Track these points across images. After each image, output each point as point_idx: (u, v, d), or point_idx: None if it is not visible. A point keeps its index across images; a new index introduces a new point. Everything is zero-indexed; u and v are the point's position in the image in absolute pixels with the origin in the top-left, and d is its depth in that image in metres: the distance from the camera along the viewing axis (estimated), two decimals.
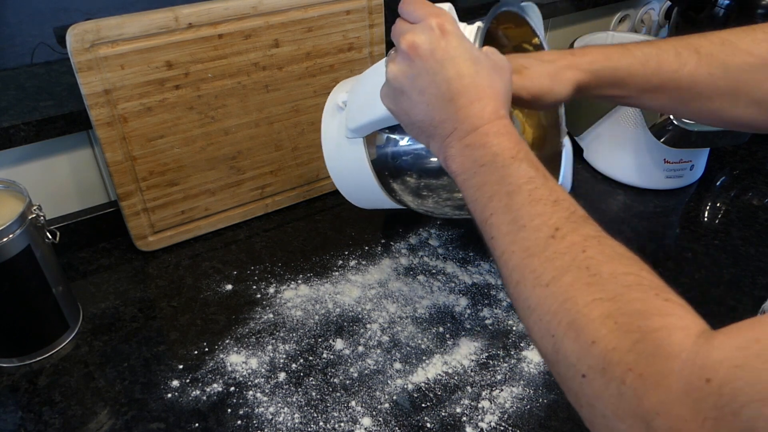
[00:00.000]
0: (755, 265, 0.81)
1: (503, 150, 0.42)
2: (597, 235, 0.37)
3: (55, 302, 0.66)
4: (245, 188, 0.85)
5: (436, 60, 0.44)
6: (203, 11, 0.71)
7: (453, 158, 0.45)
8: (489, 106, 0.44)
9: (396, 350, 0.68)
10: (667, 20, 1.31)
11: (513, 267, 0.39)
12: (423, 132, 0.47)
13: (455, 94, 0.44)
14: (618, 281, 0.33)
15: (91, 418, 0.61)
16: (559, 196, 0.40)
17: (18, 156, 0.75)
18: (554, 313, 0.35)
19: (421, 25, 0.45)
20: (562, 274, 0.35)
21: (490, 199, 0.42)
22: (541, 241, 0.38)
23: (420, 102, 0.45)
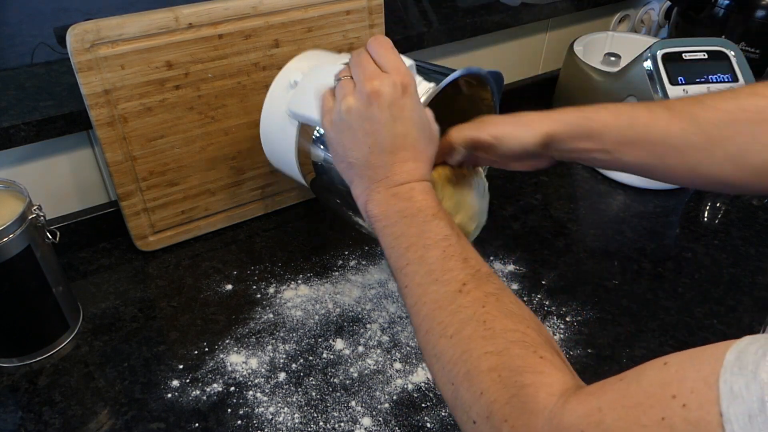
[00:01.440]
0: (755, 265, 0.81)
1: (426, 207, 0.47)
2: (496, 292, 0.42)
3: (55, 302, 0.66)
4: (245, 188, 0.85)
5: (392, 114, 0.47)
6: (203, 11, 0.71)
7: (377, 203, 0.48)
8: (421, 168, 0.49)
9: (396, 350, 0.68)
10: (667, 20, 1.31)
11: (423, 317, 0.43)
12: (352, 169, 0.50)
13: (397, 148, 0.48)
14: (506, 337, 0.39)
15: (91, 418, 0.61)
16: (469, 254, 0.45)
17: (18, 156, 0.75)
18: (454, 362, 0.40)
19: (388, 78, 0.48)
20: (464, 327, 0.40)
21: (407, 250, 0.45)
22: (450, 294, 0.42)
23: (363, 143, 0.48)
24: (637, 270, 0.80)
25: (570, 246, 0.84)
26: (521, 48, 1.15)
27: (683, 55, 0.89)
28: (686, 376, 0.30)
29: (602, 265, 0.81)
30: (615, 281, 0.78)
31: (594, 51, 1.09)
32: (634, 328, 0.72)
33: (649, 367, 0.33)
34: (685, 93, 0.87)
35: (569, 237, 0.86)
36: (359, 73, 0.49)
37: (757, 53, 1.02)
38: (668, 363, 0.32)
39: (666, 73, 0.87)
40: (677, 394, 0.29)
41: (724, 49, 0.90)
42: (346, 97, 0.49)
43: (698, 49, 0.90)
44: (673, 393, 0.30)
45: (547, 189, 0.95)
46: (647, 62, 0.88)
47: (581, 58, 1.03)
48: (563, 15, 1.13)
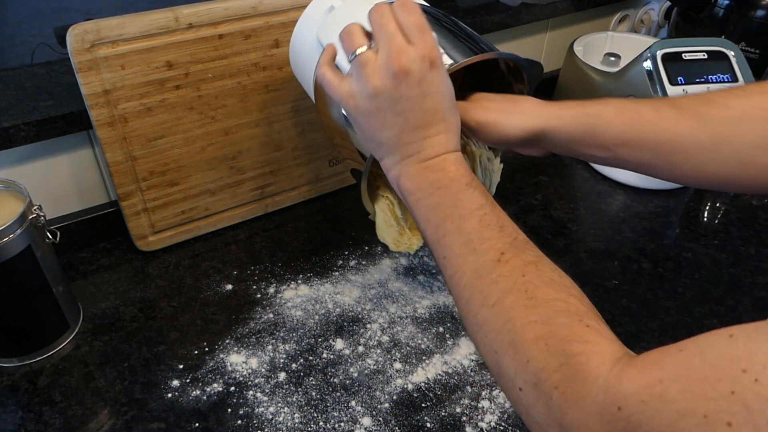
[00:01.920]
0: (755, 265, 0.81)
1: (459, 176, 0.46)
2: (535, 261, 0.42)
3: (55, 302, 0.66)
4: (245, 188, 0.85)
5: (422, 91, 0.46)
6: (203, 11, 0.71)
7: (410, 177, 0.48)
8: (452, 139, 0.48)
9: (396, 350, 0.68)
10: (666, 20, 1.31)
11: (464, 286, 0.43)
12: (382, 146, 0.49)
13: (428, 123, 0.47)
14: (550, 306, 0.39)
15: (91, 418, 0.61)
16: (505, 222, 0.44)
17: (18, 156, 0.75)
18: (497, 331, 0.40)
19: (415, 52, 0.45)
20: (505, 296, 0.40)
21: (443, 221, 0.45)
22: (489, 264, 0.42)
23: (394, 123, 0.47)
24: (637, 270, 0.80)
25: (570, 246, 0.84)
26: (521, 48, 1.15)
27: (683, 55, 0.89)
28: (757, 349, 0.29)
29: (602, 265, 0.81)
30: (615, 281, 0.78)
31: (594, 51, 1.09)
32: (634, 328, 0.72)
33: (713, 339, 0.31)
34: (685, 93, 0.86)
35: (569, 237, 0.86)
36: (384, 45, 0.46)
37: (757, 53, 1.02)
38: (734, 336, 0.30)
39: (666, 73, 0.87)
40: (747, 368, 0.28)
41: (724, 49, 0.90)
42: (371, 78, 0.46)
43: (698, 49, 0.90)
44: (743, 367, 0.29)
45: (547, 189, 0.95)
46: (647, 62, 0.88)
47: (581, 58, 1.03)
48: (563, 15, 1.14)
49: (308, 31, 0.63)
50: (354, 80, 0.47)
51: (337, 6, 0.59)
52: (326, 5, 0.61)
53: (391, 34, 0.46)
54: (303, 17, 0.64)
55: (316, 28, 0.61)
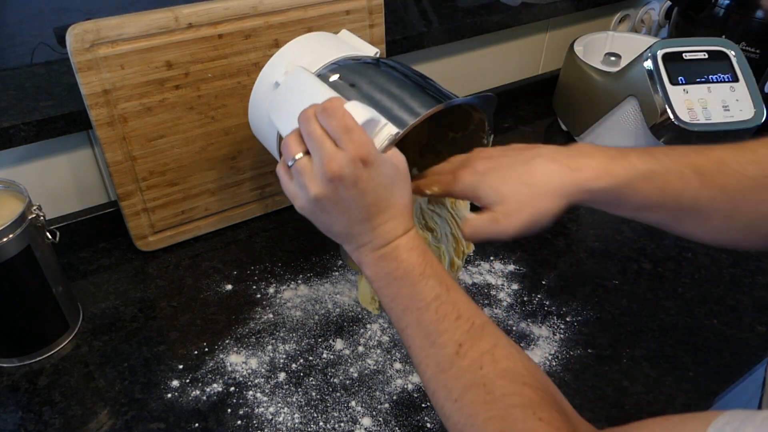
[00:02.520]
0: (755, 265, 0.81)
1: (413, 266, 0.48)
2: (491, 349, 0.45)
3: (55, 302, 0.66)
4: (245, 188, 0.85)
5: (359, 190, 0.47)
6: (203, 11, 0.71)
7: (367, 265, 0.50)
8: (401, 223, 0.49)
9: (396, 350, 0.68)
10: (667, 20, 1.31)
11: (429, 378, 0.46)
12: (337, 237, 0.51)
13: (372, 215, 0.48)
14: (506, 401, 0.42)
15: (91, 418, 0.61)
16: (461, 309, 0.46)
17: (18, 156, 0.75)
18: (463, 425, 0.43)
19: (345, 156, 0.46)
20: (466, 392, 0.43)
21: (404, 312, 0.48)
22: (449, 358, 0.45)
23: (339, 220, 0.49)
24: (637, 270, 0.80)
25: (570, 246, 0.84)
26: (521, 48, 1.15)
27: (683, 55, 0.89)
28: None
29: (602, 265, 0.81)
30: (615, 281, 0.78)
31: (594, 51, 1.09)
32: (634, 328, 0.72)
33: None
34: (686, 93, 0.86)
35: (569, 237, 0.86)
36: (316, 153, 0.47)
37: (757, 53, 1.02)
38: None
39: (666, 72, 0.87)
40: None
41: (725, 49, 0.90)
42: (309, 186, 0.47)
43: (698, 49, 0.90)
44: None
45: None
46: (647, 62, 0.88)
47: (581, 58, 1.03)
48: (563, 15, 1.13)
49: (261, 104, 0.64)
50: (296, 185, 0.49)
51: (281, 82, 0.60)
52: (272, 80, 0.62)
53: (319, 141, 0.47)
54: (254, 91, 0.66)
55: (267, 102, 0.62)
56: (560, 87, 1.11)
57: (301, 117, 0.49)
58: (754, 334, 0.71)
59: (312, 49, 0.64)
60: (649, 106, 0.88)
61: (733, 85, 0.88)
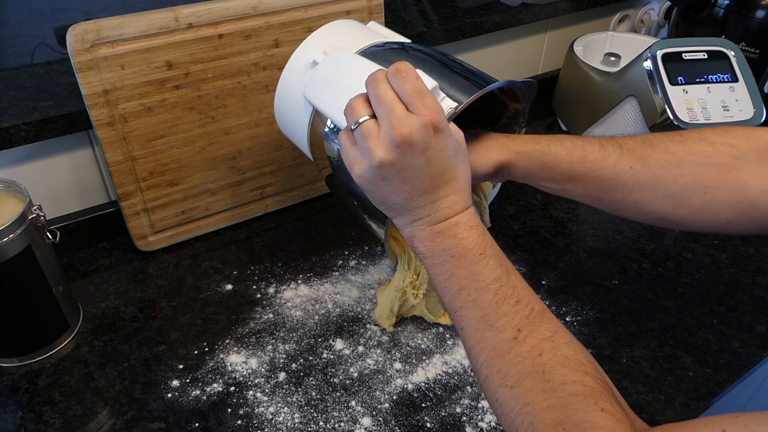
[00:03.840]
0: (755, 265, 0.81)
1: (473, 245, 0.46)
2: (551, 336, 0.43)
3: (55, 302, 0.66)
4: (245, 188, 0.85)
5: (427, 158, 0.45)
6: (203, 11, 0.71)
7: (421, 240, 0.48)
8: (462, 199, 0.48)
9: (396, 350, 0.68)
10: (667, 20, 1.31)
11: (482, 362, 0.44)
12: (391, 210, 0.49)
13: (436, 187, 0.46)
14: (566, 389, 0.40)
15: (91, 418, 0.61)
16: (521, 293, 0.45)
17: (18, 156, 0.75)
18: (517, 413, 0.41)
19: (418, 121, 0.44)
20: (524, 379, 0.42)
21: (459, 292, 0.46)
22: (506, 342, 0.43)
23: (402, 190, 0.46)
24: (637, 270, 0.80)
25: (570, 246, 0.84)
26: (521, 48, 1.15)
27: (683, 55, 0.89)
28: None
29: (602, 265, 0.81)
30: (615, 281, 0.78)
31: (594, 51, 1.09)
32: (634, 328, 0.72)
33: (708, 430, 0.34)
34: (686, 93, 0.86)
35: (569, 237, 0.86)
36: (385, 116, 0.45)
37: (757, 53, 1.02)
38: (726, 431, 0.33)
39: (666, 73, 0.87)
40: None
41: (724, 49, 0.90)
42: (374, 150, 0.45)
43: (698, 49, 0.90)
44: None
45: None
46: (647, 62, 0.88)
47: (581, 58, 1.03)
48: (563, 15, 1.13)
49: (294, 87, 0.62)
50: (359, 151, 0.47)
51: (319, 61, 0.58)
52: (308, 59, 0.60)
53: (389, 104, 0.45)
54: (286, 72, 0.63)
55: (300, 84, 0.59)
56: (560, 87, 1.11)
57: (370, 78, 0.46)
58: (754, 334, 0.71)
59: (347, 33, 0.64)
60: (648, 106, 0.88)
61: (732, 85, 0.88)
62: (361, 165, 0.47)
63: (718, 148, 0.53)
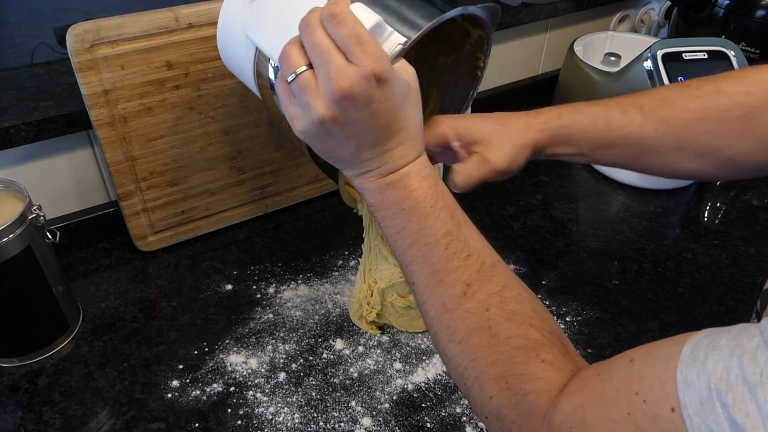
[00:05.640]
0: (755, 265, 0.81)
1: (424, 197, 0.44)
2: (500, 290, 0.43)
3: (55, 302, 0.66)
4: (245, 188, 0.85)
5: (371, 110, 0.41)
6: (203, 11, 0.71)
7: (371, 193, 0.45)
8: (413, 148, 0.45)
9: (396, 350, 0.68)
10: (667, 20, 1.31)
11: (432, 318, 0.44)
12: (339, 163, 0.46)
13: (384, 139, 0.43)
14: (510, 344, 0.41)
15: (91, 418, 0.61)
16: (472, 248, 0.44)
17: (18, 156, 0.75)
18: (465, 368, 0.42)
19: (358, 72, 0.40)
20: (471, 335, 0.42)
21: (410, 246, 0.44)
22: (455, 298, 0.43)
23: (347, 145, 0.43)
24: (637, 270, 0.80)
25: (570, 246, 0.84)
26: (521, 48, 1.15)
27: (683, 55, 0.89)
28: (646, 373, 0.33)
29: (602, 265, 0.81)
30: (615, 281, 0.78)
31: (594, 51, 1.09)
32: (634, 328, 0.72)
33: (619, 363, 0.36)
34: None
35: (569, 237, 0.86)
36: (322, 68, 0.41)
37: (757, 53, 1.02)
38: (633, 360, 0.34)
39: (666, 73, 0.87)
40: (639, 390, 0.32)
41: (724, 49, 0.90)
42: (314, 105, 0.41)
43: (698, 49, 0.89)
44: (635, 390, 0.33)
45: (547, 189, 0.95)
46: (647, 62, 0.88)
47: (581, 58, 1.03)
48: (563, 15, 1.13)
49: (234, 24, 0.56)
50: (298, 105, 0.43)
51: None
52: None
53: (326, 54, 0.40)
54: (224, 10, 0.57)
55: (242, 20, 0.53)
56: (560, 87, 1.11)
57: (303, 24, 0.42)
58: None
59: None
60: None
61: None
62: (302, 121, 0.43)
63: (735, 99, 0.53)
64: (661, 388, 0.31)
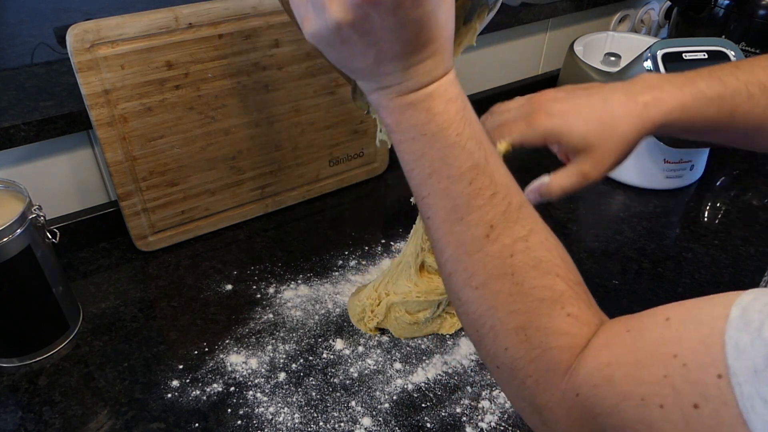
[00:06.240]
0: (755, 265, 0.81)
1: (450, 123, 0.39)
2: (526, 235, 0.39)
3: (55, 302, 0.66)
4: (245, 188, 0.85)
5: (398, 18, 0.35)
6: (203, 11, 0.71)
7: (389, 112, 0.40)
8: (441, 63, 0.39)
9: (396, 350, 0.68)
10: (667, 20, 1.31)
11: (447, 258, 0.40)
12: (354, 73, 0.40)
13: (409, 52, 0.37)
14: (534, 294, 0.38)
15: (91, 418, 0.61)
16: (499, 185, 0.39)
17: (18, 156, 0.75)
18: (480, 315, 0.39)
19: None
20: (491, 281, 0.38)
21: (429, 177, 0.39)
22: (477, 240, 0.39)
23: (366, 55, 0.37)
24: (637, 270, 0.80)
25: (570, 246, 0.84)
26: (521, 48, 1.15)
27: (683, 55, 0.89)
28: (686, 335, 0.31)
29: (602, 265, 0.81)
30: (615, 281, 0.78)
31: (594, 51, 1.09)
32: None
33: (652, 321, 0.34)
34: None
35: (569, 237, 0.86)
36: None
37: (757, 53, 1.02)
38: (670, 319, 0.32)
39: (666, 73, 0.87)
40: (678, 353, 0.30)
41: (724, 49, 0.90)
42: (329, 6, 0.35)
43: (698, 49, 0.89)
44: (674, 352, 0.31)
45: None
46: (647, 62, 0.88)
47: (581, 58, 1.03)
48: (563, 15, 1.13)
49: None
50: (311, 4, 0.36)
51: None
52: None
53: None
54: None
55: None
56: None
57: None
58: None
59: None
60: None
61: None
62: (314, 23, 0.37)
63: None
64: (706, 353, 0.29)
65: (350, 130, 0.91)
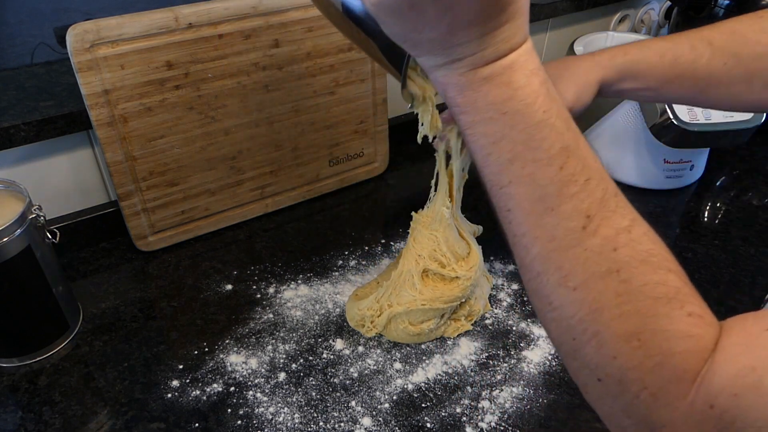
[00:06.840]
0: (755, 265, 0.81)
1: (534, 99, 0.33)
2: (629, 225, 0.34)
3: (55, 302, 0.66)
4: (245, 188, 0.85)
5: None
6: (203, 11, 0.71)
7: (460, 89, 0.34)
8: (520, 29, 0.35)
9: (396, 350, 0.68)
10: (667, 20, 1.31)
11: (535, 256, 0.35)
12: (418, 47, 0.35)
13: (489, 17, 0.32)
14: (646, 292, 0.32)
15: (91, 418, 0.61)
16: (592, 169, 0.34)
17: (18, 156, 0.75)
18: (580, 320, 0.33)
19: None
20: (593, 279, 0.33)
21: (511, 162, 0.34)
22: (572, 233, 0.33)
23: (438, 22, 0.32)
24: None
25: None
26: None
27: None
28: None
29: None
30: None
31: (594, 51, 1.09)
32: None
33: None
34: None
35: None
36: None
37: None
38: None
39: None
40: None
41: None
42: None
43: None
44: None
45: None
46: None
47: None
48: (563, 15, 1.13)
49: None
50: None
51: None
52: None
53: None
54: None
55: None
56: None
57: None
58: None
59: None
60: (648, 106, 0.88)
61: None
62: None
63: None
64: None
65: (350, 130, 0.91)
